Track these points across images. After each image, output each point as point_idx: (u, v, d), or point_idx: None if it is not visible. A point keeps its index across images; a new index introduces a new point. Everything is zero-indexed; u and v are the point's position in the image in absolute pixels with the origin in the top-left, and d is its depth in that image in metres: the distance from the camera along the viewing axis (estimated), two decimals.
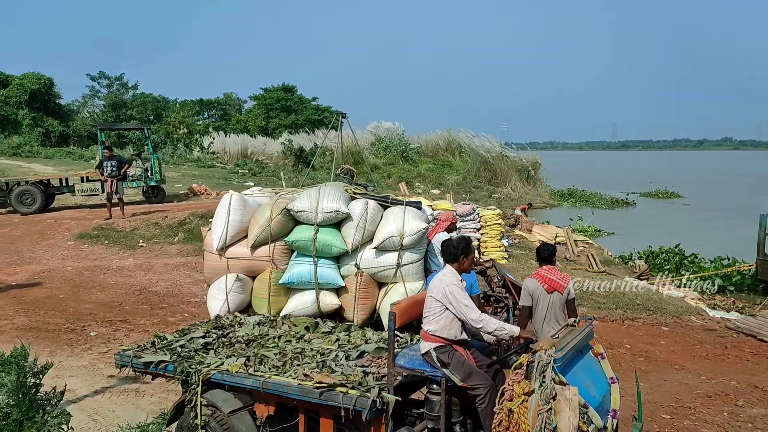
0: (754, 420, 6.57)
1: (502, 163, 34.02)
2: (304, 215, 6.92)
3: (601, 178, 53.36)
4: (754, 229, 13.75)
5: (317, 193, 6.99)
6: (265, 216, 6.94)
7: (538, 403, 4.01)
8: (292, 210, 6.95)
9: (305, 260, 6.91)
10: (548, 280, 5.78)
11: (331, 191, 7.09)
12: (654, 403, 6.92)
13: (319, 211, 6.87)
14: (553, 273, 5.86)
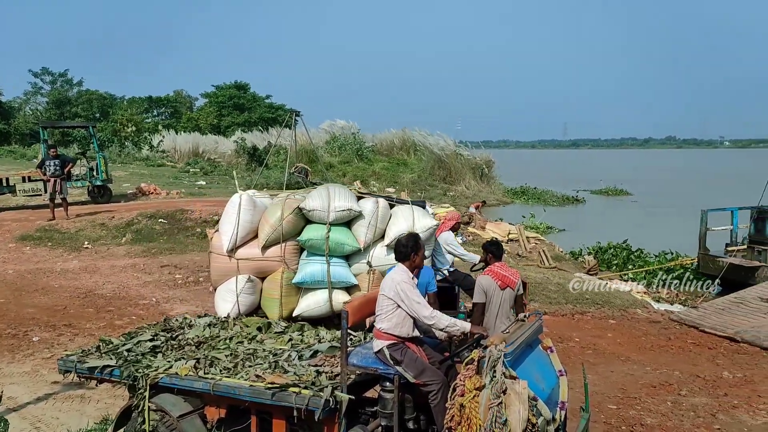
0: (696, 408, 6.81)
1: (457, 161, 34.37)
2: (316, 214, 6.92)
3: (552, 176, 54.51)
4: (697, 224, 14.28)
5: (327, 193, 7.02)
6: (275, 216, 6.87)
7: (488, 397, 4.06)
8: (304, 209, 6.92)
9: (317, 259, 6.91)
10: (501, 277, 5.85)
11: (341, 190, 7.17)
12: (601, 394, 7.10)
13: (332, 209, 6.89)
14: (505, 269, 5.94)
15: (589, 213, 31.69)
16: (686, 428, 6.28)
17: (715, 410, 6.76)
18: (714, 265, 13.37)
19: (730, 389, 7.45)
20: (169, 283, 11.61)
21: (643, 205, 34.17)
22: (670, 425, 6.32)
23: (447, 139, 35.45)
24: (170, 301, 10.54)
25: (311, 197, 7.03)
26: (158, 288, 11.23)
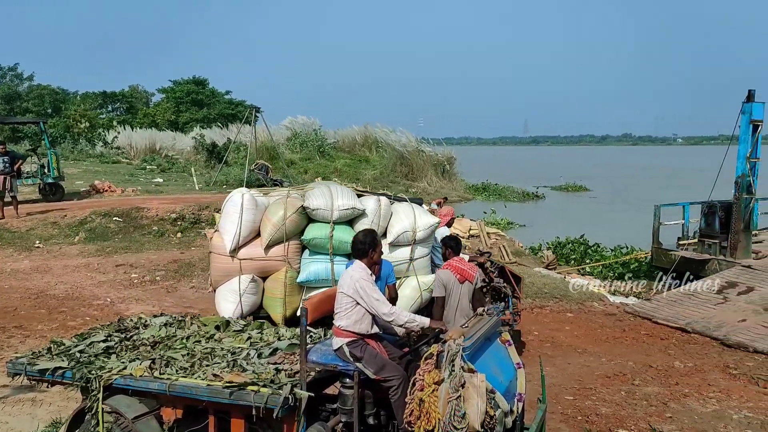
0: (648, 397, 7.00)
1: (419, 158, 34.48)
2: (320, 213, 6.92)
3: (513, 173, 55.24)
4: (651, 219, 14.62)
5: (330, 191, 7.04)
6: (278, 215, 6.82)
7: (447, 391, 4.10)
8: (308, 208, 6.91)
9: (321, 258, 6.90)
10: (460, 270, 5.92)
11: (342, 189, 7.19)
12: (559, 386, 7.24)
13: (335, 208, 6.92)
14: (463, 263, 6.01)
15: (549, 209, 32.22)
16: (639, 417, 6.45)
17: (667, 399, 6.97)
18: (667, 258, 13.73)
19: (681, 378, 7.68)
20: (124, 282, 11.37)
21: (601, 200, 34.92)
22: (623, 414, 6.49)
23: (409, 136, 35.54)
24: (126, 301, 10.33)
25: (313, 196, 7.03)
26: (113, 288, 10.99)
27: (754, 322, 9.80)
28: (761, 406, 6.84)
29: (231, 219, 6.92)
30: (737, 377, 7.77)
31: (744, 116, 12.59)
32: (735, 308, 10.47)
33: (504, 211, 26.12)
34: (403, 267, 7.09)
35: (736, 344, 9.07)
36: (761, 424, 6.35)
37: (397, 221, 7.19)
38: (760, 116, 12.56)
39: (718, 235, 13.15)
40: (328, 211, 6.94)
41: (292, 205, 6.91)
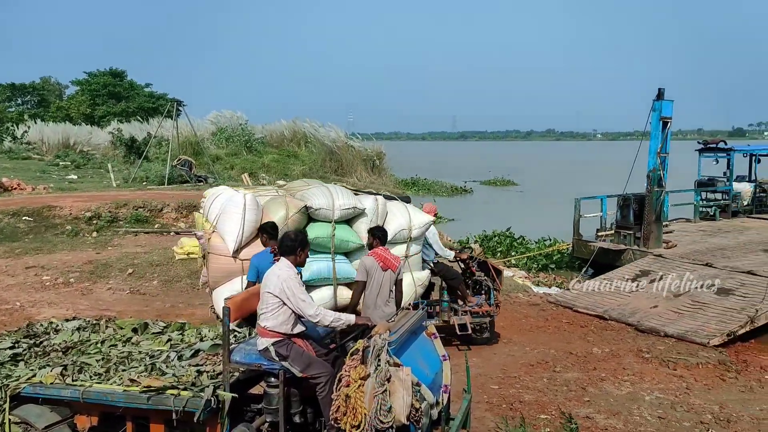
0: (569, 383, 7.27)
1: (348, 153, 34.33)
2: (322, 213, 7.05)
3: (442, 167, 56.07)
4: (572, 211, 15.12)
5: (329, 191, 7.21)
6: (279, 214, 6.85)
7: (373, 386, 4.10)
8: (311, 208, 7.01)
9: (322, 257, 7.02)
10: (383, 258, 6.09)
11: (341, 189, 7.36)
12: (485, 376, 7.40)
13: (336, 207, 7.05)
14: (387, 253, 6.18)
15: (477, 203, 32.91)
16: (560, 402, 6.68)
17: (586, 384, 7.25)
18: (586, 249, 14.27)
19: (598, 363, 8.01)
20: (35, 285, 10.79)
21: (527, 194, 35.93)
22: (545, 400, 6.70)
23: (338, 131, 35.33)
24: (37, 304, 9.80)
25: (315, 195, 7.14)
26: (23, 291, 10.40)
27: (665, 308, 10.34)
28: (671, 387, 7.23)
29: (233, 219, 6.86)
30: (649, 360, 8.18)
31: (654, 113, 13.22)
32: (648, 295, 11.01)
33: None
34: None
35: (648, 329, 9.55)
36: (671, 404, 6.71)
37: (394, 219, 7.46)
38: (669, 113, 13.22)
39: (633, 227, 13.76)
40: (330, 210, 7.08)
41: (294, 205, 6.99)
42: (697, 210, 17.29)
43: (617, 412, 6.49)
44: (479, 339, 8.51)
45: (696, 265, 11.98)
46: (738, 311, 9.71)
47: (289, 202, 7.04)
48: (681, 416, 6.43)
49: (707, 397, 6.98)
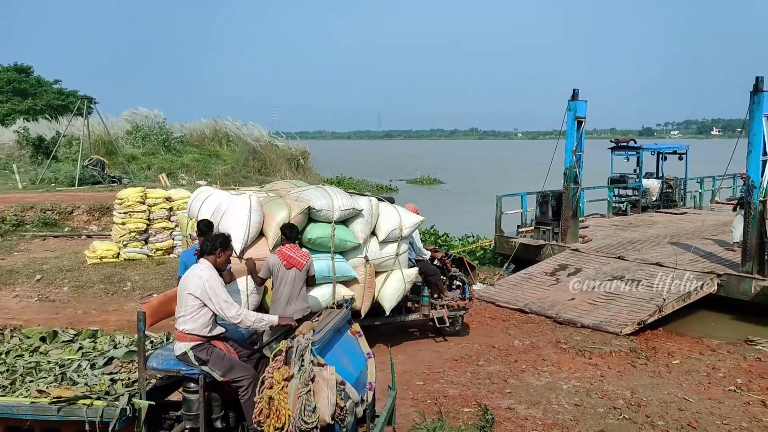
0: (491, 376, 7.46)
1: (272, 152, 33.87)
2: (323, 214, 7.30)
3: (368, 166, 56.23)
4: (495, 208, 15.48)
5: (328, 193, 7.53)
6: (281, 215, 7.02)
7: (297, 386, 4.06)
8: (314, 208, 7.25)
9: (322, 256, 7.28)
10: (287, 257, 6.20)
11: (338, 190, 7.74)
12: (410, 372, 7.47)
13: (336, 208, 7.33)
14: (293, 251, 6.27)
15: (402, 201, 32.97)
16: (483, 395, 6.84)
17: (507, 376, 7.46)
18: (508, 245, 14.68)
19: (519, 356, 8.26)
20: None
21: (453, 192, 36.46)
22: (469, 394, 6.84)
23: (261, 130, 34.79)
24: None
25: (316, 197, 7.40)
26: None
27: (581, 300, 10.79)
28: (587, 375, 7.55)
29: (239, 221, 6.93)
30: (567, 351, 8.51)
31: (570, 113, 13.77)
32: (565, 289, 11.45)
33: None
34: (390, 261, 7.87)
35: (566, 321, 9.93)
36: (586, 392, 7.01)
37: (386, 220, 7.86)
38: (584, 113, 13.80)
39: (551, 222, 14.28)
40: (330, 211, 7.35)
41: (298, 206, 7.20)
42: (611, 206, 18.16)
43: (537, 401, 6.71)
44: (452, 330, 8.96)
45: (609, 259, 12.57)
46: (647, 301, 10.26)
47: (291, 204, 7.24)
48: (595, 402, 6.72)
49: (620, 383, 7.33)
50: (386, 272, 7.92)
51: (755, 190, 10.48)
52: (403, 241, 7.96)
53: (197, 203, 7.49)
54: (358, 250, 7.62)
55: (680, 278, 10.83)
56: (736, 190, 20.77)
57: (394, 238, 7.85)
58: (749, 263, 10.68)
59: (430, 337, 9.04)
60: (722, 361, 8.26)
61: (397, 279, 7.88)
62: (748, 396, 7.04)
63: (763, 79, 10.34)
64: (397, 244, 7.91)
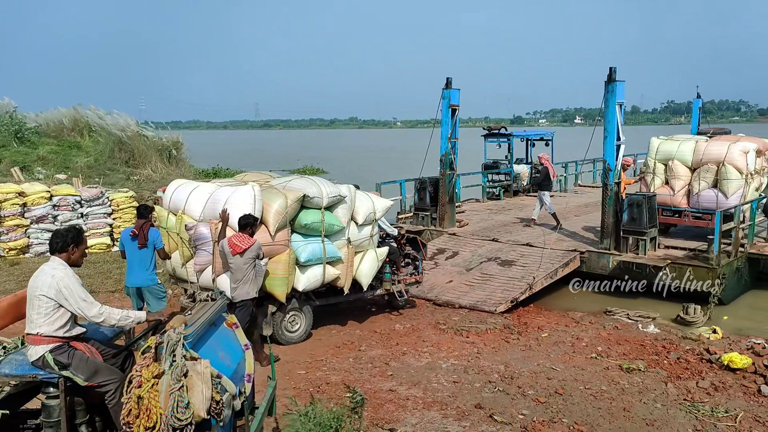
0: (373, 360, 7.56)
1: (141, 143, 32.06)
2: (315, 201, 7.96)
3: (248, 157, 54.92)
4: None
5: (315, 182, 8.27)
6: (278, 202, 7.60)
7: (169, 383, 3.87)
8: (308, 196, 7.88)
9: (314, 240, 7.99)
10: (233, 244, 6.95)
11: (322, 179, 8.51)
12: (292, 362, 7.40)
13: (325, 195, 8.02)
14: (239, 239, 6.98)
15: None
16: (365, 379, 6.91)
17: (389, 359, 7.59)
18: None
19: (400, 339, 8.44)
20: None
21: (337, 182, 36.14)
22: (351, 379, 6.89)
23: (128, 119, 32.73)
24: None
25: (308, 185, 8.08)
26: None
27: (459, 282, 11.20)
28: (464, 353, 7.85)
29: (245, 210, 7.36)
30: (446, 331, 8.80)
31: (444, 101, 14.18)
32: (444, 271, 11.84)
33: None
34: (366, 242, 8.68)
35: (444, 302, 10.28)
36: (464, 369, 7.29)
37: (362, 205, 8.62)
38: (457, 101, 14.27)
39: (429, 208, 14.68)
40: (321, 198, 8.00)
41: (293, 195, 7.78)
42: (485, 190, 18.96)
43: (417, 381, 6.88)
44: (403, 303, 9.83)
45: (484, 241, 13.13)
46: (519, 279, 10.84)
47: (287, 192, 7.80)
48: (473, 378, 7.01)
49: (494, 358, 7.69)
50: (362, 252, 8.66)
51: (611, 173, 11.36)
52: (375, 224, 8.83)
53: (180, 195, 8.17)
54: (341, 233, 8.34)
55: (548, 257, 11.54)
56: (596, 174, 22.43)
57: (370, 220, 8.68)
58: (607, 240, 11.58)
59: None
60: (585, 331, 8.91)
61: (371, 258, 8.73)
62: (607, 362, 7.65)
63: (616, 69, 11.17)
64: (371, 226, 8.75)
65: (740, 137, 13.26)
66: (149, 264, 7.42)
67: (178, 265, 8.30)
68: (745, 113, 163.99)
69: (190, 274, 8.01)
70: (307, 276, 7.90)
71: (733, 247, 11.05)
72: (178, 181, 8.70)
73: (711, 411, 6.31)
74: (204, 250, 7.69)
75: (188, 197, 8.03)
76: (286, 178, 8.79)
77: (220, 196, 7.75)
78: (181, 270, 8.23)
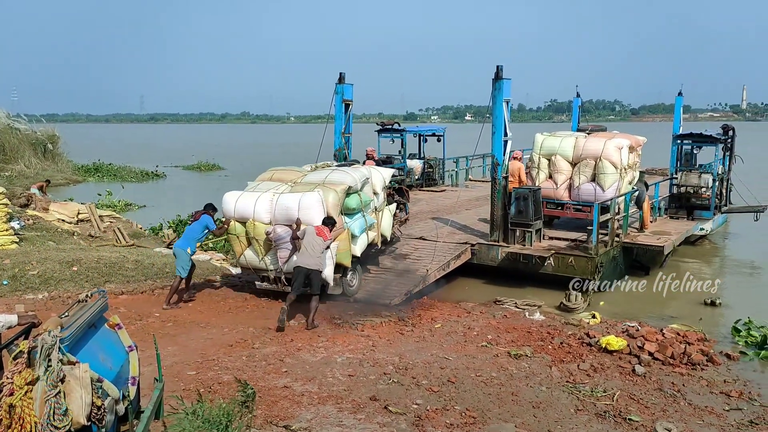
0: (267, 357, 7.40)
1: (12, 136, 29.92)
2: (354, 188, 10.04)
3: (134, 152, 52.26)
4: None
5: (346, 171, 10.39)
6: (332, 197, 9.60)
7: (44, 389, 3.60)
8: (351, 187, 9.98)
9: (358, 216, 10.17)
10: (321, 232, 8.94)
11: (347, 168, 10.75)
12: (181, 363, 7.10)
13: (358, 180, 10.18)
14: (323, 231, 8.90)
15: (171, 188, 31.39)
16: (259, 376, 6.76)
17: (283, 356, 7.47)
18: None
19: (295, 335, 8.34)
20: None
21: (234, 178, 34.69)
22: (244, 377, 6.65)
23: None
24: None
25: (345, 178, 10.09)
26: None
27: None
28: (359, 347, 7.89)
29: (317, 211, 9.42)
30: (341, 326, 8.81)
31: (337, 96, 14.16)
32: None
33: (122, 192, 24.56)
34: (383, 204, 11.21)
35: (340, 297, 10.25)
36: (359, 362, 7.32)
37: (377, 178, 10.96)
38: (350, 96, 14.31)
39: None
40: (356, 185, 10.11)
41: (341, 188, 9.84)
42: None
43: (313, 377, 6.82)
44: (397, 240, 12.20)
45: None
46: (413, 273, 11.04)
47: (335, 187, 9.77)
48: (368, 371, 7.05)
49: (389, 350, 7.79)
50: (381, 212, 10.99)
51: (499, 168, 11.81)
52: (385, 189, 11.37)
53: (245, 206, 9.80)
54: (370, 204, 10.57)
55: (441, 250, 11.84)
56: (485, 168, 23.28)
57: (382, 187, 11.12)
58: (496, 233, 12.05)
59: (201, 325, 8.71)
60: (476, 321, 9.23)
61: (388, 215, 11.26)
62: (497, 349, 7.97)
63: (503, 67, 11.61)
64: (384, 191, 11.22)
65: (615, 134, 14.24)
66: (190, 239, 9.76)
67: (255, 261, 10.01)
68: (619, 112, 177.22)
69: (268, 265, 9.90)
70: (359, 244, 10.22)
71: (610, 237, 11.87)
72: (233, 193, 10.05)
73: (591, 391, 6.74)
74: (284, 247, 9.54)
75: (254, 207, 9.69)
76: (319, 173, 10.43)
77: (288, 202, 9.50)
78: (260, 263, 10.00)
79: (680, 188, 15.39)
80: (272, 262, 9.84)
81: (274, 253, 9.80)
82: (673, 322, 9.54)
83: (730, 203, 16.69)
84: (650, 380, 7.17)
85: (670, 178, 15.90)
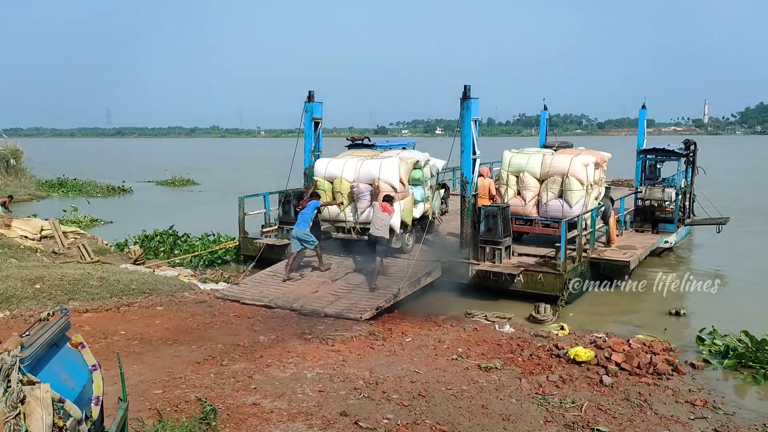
0: (236, 374, 7.30)
1: None
2: (419, 163, 13.03)
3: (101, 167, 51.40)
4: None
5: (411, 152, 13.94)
6: (403, 168, 12.52)
7: (3, 411, 3.50)
8: (418, 161, 13.06)
9: (419, 187, 13.06)
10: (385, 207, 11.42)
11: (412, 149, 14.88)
12: (148, 382, 6.95)
13: (423, 159, 13.18)
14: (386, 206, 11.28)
15: (139, 203, 30.88)
16: (227, 394, 6.66)
17: (253, 372, 7.38)
18: (253, 246, 14.51)
19: (265, 351, 8.24)
20: None
21: (209, 193, 34.16)
22: (212, 395, 6.59)
23: None
24: None
25: (413, 155, 13.31)
26: None
27: (325, 291, 11.20)
28: (330, 362, 7.83)
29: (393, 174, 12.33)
30: (311, 341, 8.74)
31: (307, 114, 14.17)
32: (309, 282, 11.77)
33: (88, 207, 24.11)
34: (435, 187, 13.91)
35: (310, 312, 10.21)
36: (329, 377, 7.26)
37: (433, 164, 13.78)
38: (320, 115, 14.32)
39: (294, 221, 14.48)
40: (421, 161, 13.13)
41: (412, 160, 12.87)
42: None
43: (282, 393, 6.75)
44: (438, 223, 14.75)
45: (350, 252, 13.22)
46: (384, 288, 11.04)
47: (407, 160, 12.85)
48: (338, 386, 7.01)
49: (360, 365, 7.75)
50: (435, 191, 13.81)
51: (468, 185, 11.91)
52: (438, 174, 14.12)
53: (333, 169, 12.93)
54: (426, 182, 13.24)
55: (412, 266, 11.86)
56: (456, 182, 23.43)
57: (436, 172, 13.87)
58: (466, 250, 12.12)
59: (168, 343, 8.55)
60: (446, 334, 9.25)
61: (437, 196, 14.04)
62: (467, 362, 7.99)
63: (470, 87, 11.74)
64: (436, 176, 13.98)
65: (581, 150, 14.49)
66: (305, 220, 12.02)
67: (334, 214, 12.89)
68: (586, 126, 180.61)
69: (346, 216, 12.75)
70: (418, 210, 12.93)
71: (577, 253, 12.03)
72: (324, 160, 13.33)
73: (560, 402, 6.79)
74: (364, 199, 12.39)
75: (342, 168, 12.75)
76: (393, 152, 13.78)
77: (371, 166, 12.46)
78: (340, 215, 12.83)
79: (645, 202, 15.73)
80: (351, 214, 12.66)
81: (352, 208, 12.61)
82: (639, 332, 9.70)
83: (694, 215, 17.09)
84: (617, 390, 7.26)
85: (635, 192, 16.23)
